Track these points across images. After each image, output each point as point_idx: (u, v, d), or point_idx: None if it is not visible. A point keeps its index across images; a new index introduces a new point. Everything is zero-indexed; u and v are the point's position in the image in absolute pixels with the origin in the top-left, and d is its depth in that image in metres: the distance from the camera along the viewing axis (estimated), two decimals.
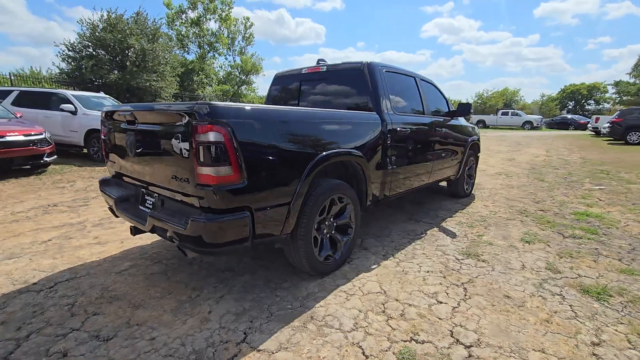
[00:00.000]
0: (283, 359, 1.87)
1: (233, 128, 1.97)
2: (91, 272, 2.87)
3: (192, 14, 29.69)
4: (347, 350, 1.93)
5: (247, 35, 36.50)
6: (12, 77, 16.82)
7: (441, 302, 2.43)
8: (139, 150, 2.46)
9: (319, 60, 3.87)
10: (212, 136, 1.91)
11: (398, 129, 3.45)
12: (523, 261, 3.12)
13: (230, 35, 35.43)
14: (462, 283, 2.71)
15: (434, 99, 4.49)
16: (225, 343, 1.99)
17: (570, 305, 2.41)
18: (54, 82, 17.21)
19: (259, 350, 1.93)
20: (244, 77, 35.07)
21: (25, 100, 9.24)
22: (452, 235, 3.78)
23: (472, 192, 5.88)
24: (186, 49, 30.50)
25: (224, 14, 30.73)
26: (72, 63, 16.54)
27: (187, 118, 1.96)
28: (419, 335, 2.07)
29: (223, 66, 35.54)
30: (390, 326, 2.16)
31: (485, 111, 43.14)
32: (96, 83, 16.81)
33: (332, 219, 2.83)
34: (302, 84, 3.94)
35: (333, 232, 2.87)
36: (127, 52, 16.90)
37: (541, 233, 3.86)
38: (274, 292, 2.55)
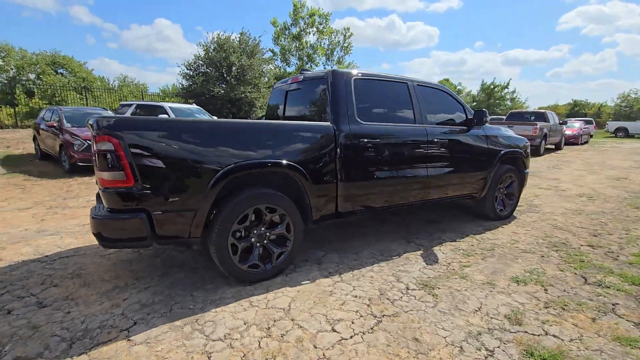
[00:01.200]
0: (137, 351, 2.03)
1: (125, 139, 2.23)
2: (87, 252, 3.54)
3: (294, 30, 32.18)
4: (193, 357, 1.98)
5: (346, 45, 37.63)
6: (161, 93, 21.15)
7: (334, 331, 2.22)
8: None
9: (301, 70, 3.90)
10: (104, 145, 2.22)
11: (363, 139, 3.24)
12: (484, 303, 2.56)
13: (330, 47, 37.13)
14: (382, 315, 2.40)
15: (438, 107, 4.01)
16: (112, 327, 2.26)
17: None
18: (177, 96, 20.91)
19: (129, 340, 2.13)
20: None
21: (141, 111, 11.56)
22: (432, 262, 3.32)
23: (517, 214, 4.96)
24: (288, 62, 33.20)
25: (321, 26, 32.39)
26: (189, 79, 19.85)
27: (94, 130, 2.31)
28: (274, 359, 1.97)
29: None
30: (259, 344, 2.10)
31: (631, 116, 34.72)
32: (207, 96, 19.76)
33: (263, 229, 2.86)
34: (287, 94, 4.02)
35: (266, 242, 2.89)
36: (230, 68, 19.41)
37: (552, 274, 3.06)
38: (193, 292, 2.72)
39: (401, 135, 3.57)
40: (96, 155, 2.27)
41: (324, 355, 1.99)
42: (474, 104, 45.28)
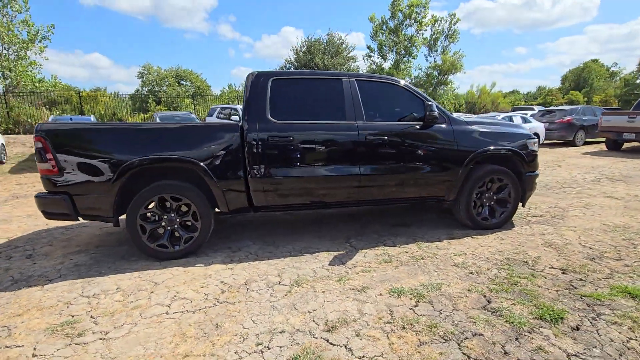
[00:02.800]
0: (37, 295, 2.75)
1: (49, 139, 3.00)
2: (92, 225, 4.63)
3: (392, 24, 31.39)
4: (58, 304, 2.58)
5: (452, 33, 34.81)
6: None
7: (168, 306, 2.53)
8: None
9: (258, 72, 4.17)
10: (37, 144, 3.02)
11: (274, 137, 3.37)
12: (323, 306, 2.45)
13: (433, 36, 34.95)
14: (223, 301, 2.58)
15: (384, 102, 3.75)
16: (44, 277, 3.06)
17: None
18: None
19: (42, 287, 2.89)
20: (443, 77, 33.82)
21: (222, 113, 13.44)
22: (338, 263, 3.22)
23: (524, 223, 4.17)
24: (385, 57, 32.65)
25: (420, 16, 30.66)
26: None
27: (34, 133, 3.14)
28: (104, 317, 2.42)
29: (422, 68, 35.63)
30: (109, 304, 2.58)
31: None
32: None
33: (172, 215, 3.32)
34: None
35: (175, 226, 3.36)
36: (314, 69, 20.46)
37: (452, 291, 2.64)
38: (116, 261, 3.36)
39: (321, 132, 3.52)
40: (34, 151, 3.12)
41: (136, 322, 2.34)
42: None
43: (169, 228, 3.35)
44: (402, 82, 3.87)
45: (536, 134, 12.40)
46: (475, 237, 3.84)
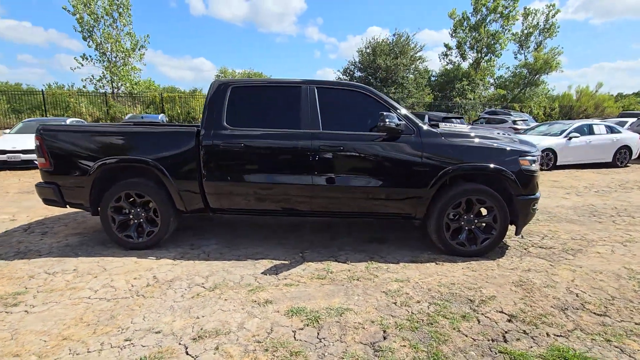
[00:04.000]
0: (19, 266, 3.34)
1: (44, 138, 3.59)
2: None
3: (473, 20, 28.93)
4: (23, 277, 3.10)
5: (548, 27, 30.73)
6: None
7: (93, 290, 2.84)
8: None
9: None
10: (36, 142, 3.64)
11: (227, 143, 3.49)
12: (193, 311, 2.48)
13: (526, 31, 31.30)
14: (136, 294, 2.80)
15: (348, 112, 3.56)
16: (36, 252, 3.69)
17: None
18: None
19: (29, 260, 3.49)
20: (533, 77, 30.08)
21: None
22: (271, 272, 3.20)
23: (517, 255, 3.60)
24: (464, 56, 30.30)
25: (507, 10, 27.57)
26: None
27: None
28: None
29: (509, 67, 32.22)
30: (51, 280, 3.00)
31: None
32: None
33: (138, 209, 3.69)
34: None
35: (141, 220, 3.72)
36: (377, 71, 20.02)
37: (357, 319, 2.43)
38: (95, 246, 3.87)
39: (273, 140, 3.51)
40: (34, 147, 3.75)
41: (61, 301, 2.69)
42: None
43: (135, 221, 3.72)
44: (369, 90, 3.63)
45: (626, 147, 10.31)
46: (442, 263, 3.43)
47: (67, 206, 3.80)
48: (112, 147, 3.61)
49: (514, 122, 16.59)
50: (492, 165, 3.42)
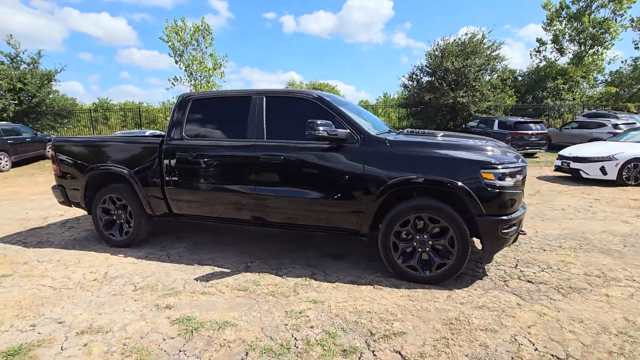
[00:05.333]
0: (28, 254, 4.07)
1: (55, 149, 4.32)
2: None
3: (573, 8, 24.84)
4: (18, 264, 3.76)
5: None
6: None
7: (52, 278, 3.29)
8: None
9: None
10: (51, 151, 4.40)
11: (180, 153, 3.72)
12: (80, 310, 2.64)
13: None
14: (81, 284, 3.15)
15: (294, 121, 3.43)
16: (48, 242, 4.44)
17: None
18: (399, 106, 22.40)
19: (34, 248, 4.22)
20: None
21: None
22: (202, 278, 3.26)
23: (479, 284, 3.04)
24: (562, 51, 26.21)
25: None
26: (407, 89, 20.85)
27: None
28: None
29: (626, 60, 26.75)
30: (28, 266, 3.57)
31: None
32: (421, 106, 19.97)
33: (119, 211, 4.16)
34: None
35: (122, 220, 4.17)
36: (445, 74, 18.64)
37: (235, 336, 2.33)
38: (87, 245, 4.46)
39: (221, 150, 3.59)
40: (49, 156, 4.52)
41: (22, 285, 3.19)
42: None
43: (118, 221, 4.19)
44: (316, 97, 3.45)
45: None
46: (381, 288, 3.04)
47: (72, 205, 4.48)
48: (99, 156, 4.16)
49: (615, 126, 13.75)
50: (441, 179, 2.92)
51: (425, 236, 3.07)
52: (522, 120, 14.34)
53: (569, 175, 8.73)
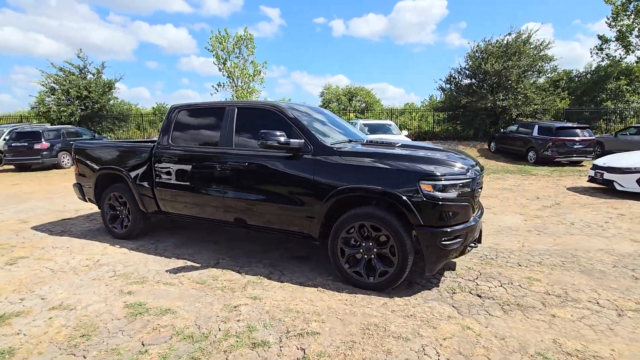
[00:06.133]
0: (51, 241, 4.78)
1: (75, 152, 5.02)
2: None
3: None
4: (40, 249, 4.45)
5: None
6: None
7: (50, 260, 3.87)
8: None
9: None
10: (72, 154, 5.11)
11: (165, 159, 4.17)
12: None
13: None
14: (77, 267, 3.68)
15: (255, 131, 3.67)
16: (66, 232, 5.16)
17: None
18: (436, 110, 21.61)
19: (56, 235, 4.94)
20: None
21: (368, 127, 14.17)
22: (174, 270, 3.64)
23: (429, 295, 3.08)
24: (629, 49, 23.55)
25: None
26: (445, 92, 20.13)
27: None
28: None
29: None
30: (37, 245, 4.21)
31: None
32: (458, 109, 19.17)
33: (122, 207, 4.72)
34: None
35: (123, 215, 4.73)
36: (485, 76, 17.75)
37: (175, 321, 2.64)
38: (96, 236, 5.09)
39: (196, 157, 3.97)
40: (71, 158, 5.23)
41: (30, 266, 3.80)
42: None
43: (120, 216, 4.77)
44: (277, 108, 3.67)
45: None
46: (324, 291, 3.17)
47: (87, 201, 5.15)
48: (106, 159, 4.76)
49: None
50: (380, 188, 2.99)
51: (371, 244, 3.15)
52: (565, 125, 13.23)
53: (604, 187, 7.97)
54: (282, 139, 3.29)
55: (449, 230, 2.91)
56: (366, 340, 2.42)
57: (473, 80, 18.90)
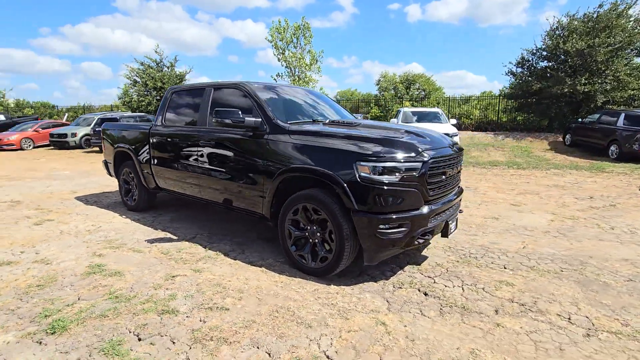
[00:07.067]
0: (76, 215, 5.54)
1: (103, 133, 5.67)
2: None
3: None
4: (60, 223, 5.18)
5: None
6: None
7: (39, 224, 4.48)
8: None
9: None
10: (101, 136, 5.79)
11: (158, 139, 4.49)
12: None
13: None
14: (88, 231, 4.22)
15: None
16: (97, 202, 5.91)
17: None
18: (504, 97, 19.29)
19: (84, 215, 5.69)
20: None
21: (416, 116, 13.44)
22: (154, 241, 3.94)
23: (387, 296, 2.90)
24: None
25: None
26: (515, 77, 17.86)
27: None
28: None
29: None
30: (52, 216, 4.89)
31: None
32: (529, 96, 16.90)
33: (132, 182, 5.24)
34: None
35: (132, 189, 5.25)
36: (566, 57, 15.33)
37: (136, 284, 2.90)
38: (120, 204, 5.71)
39: (180, 136, 4.17)
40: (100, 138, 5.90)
41: (48, 227, 4.46)
42: None
43: (131, 190, 5.29)
44: (244, 87, 3.66)
45: None
46: (267, 272, 3.15)
47: (111, 176, 5.81)
48: (120, 138, 5.29)
49: None
50: (319, 169, 2.82)
51: (314, 227, 3.02)
52: None
53: None
54: (238, 117, 3.30)
55: (388, 217, 2.65)
56: (267, 321, 2.36)
57: (550, 62, 16.47)
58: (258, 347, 2.10)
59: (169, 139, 4.37)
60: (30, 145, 16.78)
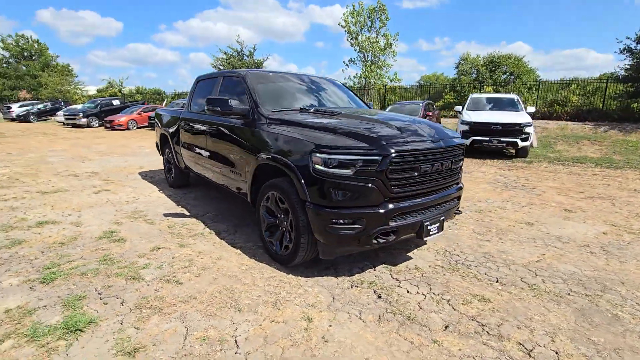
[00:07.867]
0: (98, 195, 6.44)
1: (155, 117, 6.43)
2: None
3: None
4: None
5: None
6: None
7: (54, 209, 5.27)
8: None
9: None
10: (151, 119, 6.56)
11: (184, 124, 4.92)
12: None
13: None
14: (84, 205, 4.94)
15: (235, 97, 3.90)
16: (116, 181, 6.77)
17: None
18: (615, 81, 15.81)
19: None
20: None
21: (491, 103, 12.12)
22: (173, 220, 4.40)
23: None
24: None
25: None
26: (634, 56, 14.51)
27: None
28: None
29: None
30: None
31: None
32: None
33: (171, 162, 5.87)
34: None
35: (172, 168, 5.88)
36: None
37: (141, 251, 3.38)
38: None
39: (193, 121, 4.50)
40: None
41: (100, 196, 5.30)
42: None
43: (171, 169, 5.93)
44: (242, 76, 3.73)
45: None
46: (241, 254, 3.29)
47: (161, 155, 6.57)
48: (163, 122, 5.92)
49: None
50: (282, 159, 2.80)
51: (282, 216, 3.03)
52: None
53: None
54: (226, 105, 3.43)
55: (339, 212, 2.52)
56: (206, 300, 2.49)
57: None
58: (182, 322, 2.25)
59: (190, 124, 4.77)
60: (134, 126, 19.72)
